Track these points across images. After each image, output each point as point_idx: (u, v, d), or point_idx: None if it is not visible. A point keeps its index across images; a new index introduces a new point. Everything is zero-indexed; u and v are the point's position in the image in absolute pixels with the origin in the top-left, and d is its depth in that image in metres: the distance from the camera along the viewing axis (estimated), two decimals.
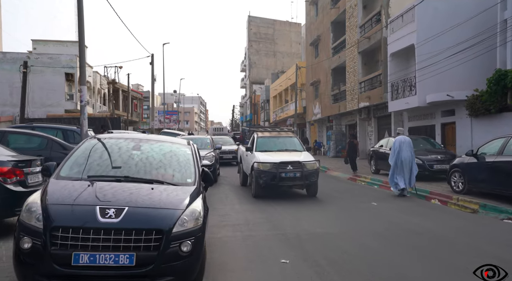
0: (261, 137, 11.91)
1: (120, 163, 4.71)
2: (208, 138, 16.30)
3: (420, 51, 16.13)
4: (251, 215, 8.40)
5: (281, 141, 11.92)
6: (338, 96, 26.84)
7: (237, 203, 9.94)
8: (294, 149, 11.51)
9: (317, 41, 30.34)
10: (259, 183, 10.17)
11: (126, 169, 4.60)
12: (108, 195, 3.94)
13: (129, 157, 4.85)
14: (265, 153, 10.94)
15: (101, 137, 5.37)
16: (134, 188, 4.13)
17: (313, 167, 10.30)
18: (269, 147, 11.43)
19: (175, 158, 5.05)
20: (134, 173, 4.53)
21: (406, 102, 17.23)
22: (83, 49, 9.05)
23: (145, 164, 4.75)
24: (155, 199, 3.97)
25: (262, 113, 57.50)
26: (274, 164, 10.03)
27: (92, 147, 4.95)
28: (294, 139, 12.15)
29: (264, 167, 10.12)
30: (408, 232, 6.78)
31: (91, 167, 4.55)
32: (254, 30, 66.05)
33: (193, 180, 4.64)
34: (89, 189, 3.99)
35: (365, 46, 21.70)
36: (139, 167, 4.67)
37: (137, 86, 69.33)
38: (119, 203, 3.79)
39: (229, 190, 12.18)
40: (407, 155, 10.67)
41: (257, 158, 10.46)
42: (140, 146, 5.11)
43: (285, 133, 12.76)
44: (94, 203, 3.73)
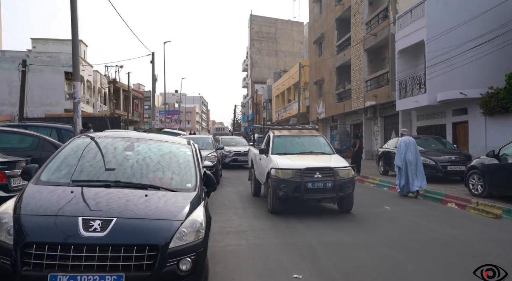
0: (278, 137, 9.64)
1: (110, 165, 4.13)
2: (210, 138, 15.73)
3: (430, 48, 15.52)
4: (257, 221, 7.80)
5: (304, 142, 9.67)
6: (343, 95, 26.23)
7: (240, 207, 9.34)
8: (320, 151, 9.28)
9: (321, 39, 29.73)
10: (278, 195, 8.00)
11: (117, 173, 4.01)
12: (94, 203, 3.36)
13: (121, 159, 4.27)
14: (284, 156, 8.77)
15: (90, 136, 4.79)
16: (125, 195, 3.55)
17: (348, 174, 8.18)
18: (289, 149, 9.28)
19: (173, 159, 4.47)
20: (126, 177, 3.95)
21: (415, 100, 16.62)
22: (76, 43, 8.51)
23: (139, 167, 4.16)
24: (149, 208, 3.39)
25: (264, 113, 56.91)
26: (297, 171, 7.92)
27: (79, 147, 4.36)
28: (320, 138, 9.85)
29: (285, 175, 8.04)
30: (430, 241, 6.17)
31: (76, 170, 3.96)
32: (256, 29, 65.49)
33: (193, 184, 4.06)
34: (72, 197, 3.40)
35: (372, 43, 21.09)
36: (132, 170, 4.08)
37: (138, 86, 68.89)
38: (106, 213, 3.21)
39: (232, 193, 11.58)
40: (412, 156, 10.44)
41: (275, 163, 8.30)
42: (134, 146, 4.53)
43: (308, 131, 10.36)
44: (76, 214, 3.15)
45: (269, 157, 8.94)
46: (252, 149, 11.81)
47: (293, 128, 11.10)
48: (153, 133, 28.58)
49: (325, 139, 9.83)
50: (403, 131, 11.53)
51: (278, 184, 7.99)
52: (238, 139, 21.91)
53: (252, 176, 11.02)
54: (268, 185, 8.52)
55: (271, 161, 8.62)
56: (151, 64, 29.75)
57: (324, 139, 9.83)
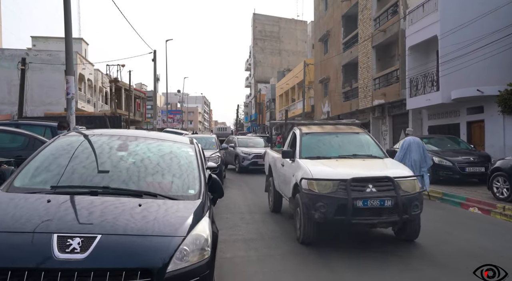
0: (307, 135, 7.13)
1: (99, 168, 3.48)
2: (213, 137, 15.08)
3: (444, 43, 14.82)
4: (265, 227, 7.16)
5: (343, 141, 7.14)
6: (350, 93, 25.54)
7: (246, 211, 8.69)
8: (367, 154, 6.78)
9: (327, 37, 29.05)
10: (313, 217, 5.53)
11: (106, 177, 3.37)
12: (74, 216, 2.72)
13: (112, 161, 3.63)
14: (318, 161, 6.32)
15: (77, 134, 4.16)
16: (114, 205, 2.91)
17: (414, 187, 5.68)
18: (324, 151, 6.83)
19: (173, 161, 3.82)
20: (117, 182, 3.31)
21: (427, 98, 15.92)
22: (69, 35, 7.90)
23: (133, 170, 3.52)
24: (143, 222, 2.74)
25: (267, 113, 56.27)
26: (341, 183, 5.45)
27: (63, 147, 3.72)
28: (364, 136, 7.24)
29: (322, 188, 5.54)
30: (466, 255, 5.46)
31: (57, 174, 3.32)
32: (259, 28, 64.85)
33: (197, 191, 3.41)
34: (48, 207, 2.76)
35: (380, 39, 20.40)
36: (124, 174, 3.44)
37: (140, 85, 68.37)
38: (89, 228, 2.57)
39: (236, 195, 10.93)
40: (417, 157, 9.98)
41: (306, 171, 5.85)
42: (127, 145, 3.87)
43: (346, 127, 7.78)
44: (50, 230, 2.51)
45: (296, 163, 6.47)
46: (269, 152, 9.28)
47: (325, 123, 8.70)
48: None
49: (371, 138, 7.23)
50: (409, 130, 11.21)
51: (312, 201, 5.48)
52: (257, 139, 19.51)
53: (271, 187, 8.66)
54: (297, 202, 6.01)
55: (299, 168, 6.14)
56: (153, 63, 29.14)
57: (370, 137, 7.23)
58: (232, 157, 17.06)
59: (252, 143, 17.96)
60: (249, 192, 11.47)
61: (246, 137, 21.98)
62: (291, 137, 7.69)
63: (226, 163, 16.49)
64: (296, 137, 7.20)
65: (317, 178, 5.59)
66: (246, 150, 16.55)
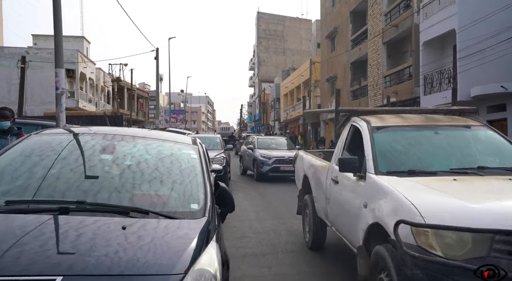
0: (383, 130, 4.05)
1: (75, 176, 2.69)
2: (218, 137, 14.28)
3: (462, 37, 13.98)
4: (279, 238, 6.36)
5: (450, 142, 4.03)
6: (358, 92, 24.70)
7: (255, 219, 7.90)
8: (505, 165, 3.73)
9: (334, 33, 28.22)
10: None
11: (83, 188, 2.58)
12: (28, 247, 1.92)
13: (93, 166, 2.84)
14: (416, 181, 3.23)
15: (53, 132, 3.38)
16: (88, 228, 2.12)
17: None
18: (421, 160, 3.75)
19: (172, 167, 3.03)
20: (96, 194, 2.51)
21: (444, 96, 15.07)
22: (59, 21, 7.15)
23: (120, 178, 2.73)
24: (126, 254, 1.95)
25: (271, 112, 55.48)
26: (497, 239, 2.48)
27: (31, 148, 2.93)
28: (487, 133, 4.18)
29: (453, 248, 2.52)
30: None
31: (17, 184, 2.54)
32: (263, 26, 64.08)
33: (201, 205, 2.62)
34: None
35: (392, 35, 19.56)
36: (107, 184, 2.65)
37: (143, 85, 67.75)
38: (47, 266, 1.78)
39: (243, 199, 10.14)
40: None
41: (406, 205, 2.78)
42: (115, 147, 3.08)
43: (450, 119, 4.52)
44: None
45: (371, 182, 3.48)
46: (306, 156, 6.22)
47: (413, 110, 5.03)
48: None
49: (500, 135, 4.14)
50: None
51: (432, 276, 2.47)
52: (280, 140, 16.77)
53: (307, 209, 5.77)
54: (381, 262, 2.88)
55: (383, 194, 3.16)
56: (155, 61, 28.42)
57: (498, 135, 4.14)
58: (250, 161, 14.60)
59: (274, 145, 15.28)
60: (257, 197, 10.68)
61: (267, 137, 18.81)
62: (348, 135, 4.56)
63: (245, 169, 15.72)
64: (361, 135, 4.09)
65: (437, 224, 2.52)
66: (266, 153, 13.76)
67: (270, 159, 13.34)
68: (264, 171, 13.37)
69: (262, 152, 13.77)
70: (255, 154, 13.94)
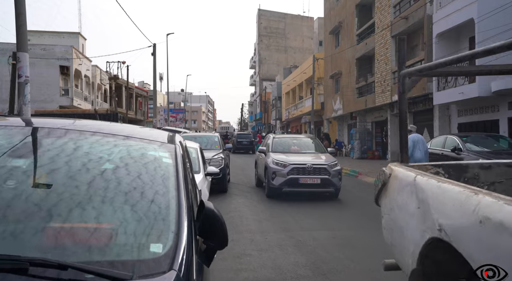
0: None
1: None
2: (216, 136, 13.10)
3: (481, 27, 12.84)
4: (283, 255, 5.25)
5: None
6: (364, 89, 23.56)
7: (257, 230, 6.78)
8: None
9: (338, 28, 27.08)
10: None
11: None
12: None
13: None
14: None
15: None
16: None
17: None
18: None
19: (128, 178, 1.89)
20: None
21: (460, 92, 13.94)
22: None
23: (26, 201, 1.60)
24: None
25: (273, 111, 54.37)
26: None
27: None
28: None
29: None
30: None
31: None
32: (264, 24, 62.94)
33: (169, 247, 1.51)
34: None
35: (401, 28, 18.41)
36: (10, 214, 1.53)
37: (142, 84, 66.66)
38: None
39: (243, 206, 9.02)
40: (421, 156, 9.45)
41: None
42: (38, 146, 1.95)
43: None
44: None
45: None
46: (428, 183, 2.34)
47: None
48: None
49: None
50: (411, 127, 10.17)
51: None
52: (304, 140, 12.27)
53: None
54: None
55: None
56: (153, 57, 27.27)
57: None
58: (263, 169, 10.64)
59: (296, 146, 11.23)
60: (259, 202, 9.55)
61: (287, 136, 14.15)
62: None
63: (259, 180, 11.48)
64: None
65: None
66: (281, 158, 9.83)
67: (286, 167, 9.41)
68: (276, 184, 9.45)
69: (276, 158, 9.84)
70: (267, 159, 10.13)
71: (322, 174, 9.34)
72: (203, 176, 6.59)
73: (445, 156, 11.06)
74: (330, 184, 9.41)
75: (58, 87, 29.77)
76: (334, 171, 9.45)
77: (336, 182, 9.43)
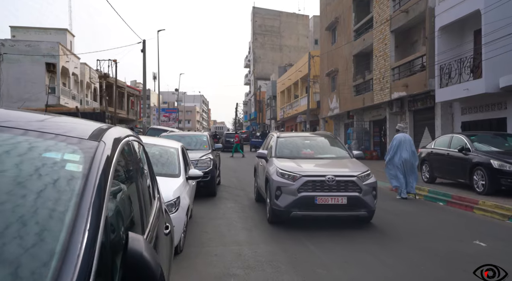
0: None
1: None
2: (205, 136, 12.15)
3: (488, 19, 12.03)
4: (276, 274, 4.35)
5: None
6: (362, 86, 22.73)
7: (245, 241, 5.88)
8: None
9: (335, 24, 26.24)
10: None
11: None
12: None
13: None
14: None
15: None
16: None
17: None
18: None
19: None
20: None
21: (465, 88, 13.12)
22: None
23: None
24: None
25: (268, 111, 53.49)
26: None
27: None
28: None
29: None
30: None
31: None
32: (259, 22, 62.08)
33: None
34: None
35: (401, 22, 17.59)
36: None
37: (135, 83, 65.47)
38: None
39: (233, 212, 8.11)
40: (407, 156, 9.52)
41: None
42: None
43: None
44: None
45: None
46: None
47: None
48: (144, 132, 24.99)
49: None
50: (400, 127, 10.16)
51: None
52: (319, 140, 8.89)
53: None
54: None
55: None
56: (143, 54, 26.30)
57: None
58: (263, 181, 7.68)
59: (309, 149, 8.08)
60: (251, 209, 8.65)
61: (295, 135, 10.14)
62: None
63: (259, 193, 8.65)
64: None
65: None
66: (289, 167, 6.81)
67: (296, 181, 6.42)
68: (281, 205, 6.48)
69: (282, 166, 6.82)
70: (269, 168, 7.18)
71: (349, 190, 6.35)
72: (183, 180, 5.68)
73: (452, 156, 10.22)
74: (362, 205, 6.40)
75: (44, 85, 28.66)
76: (367, 186, 6.41)
77: (370, 202, 6.43)
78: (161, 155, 6.06)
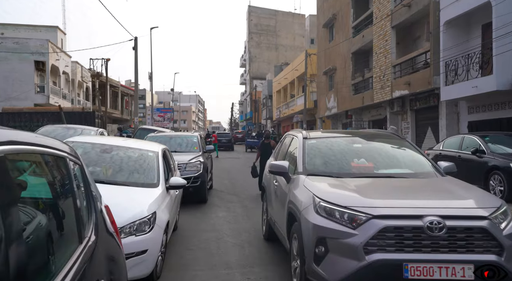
0: None
1: None
2: (195, 136, 11.26)
3: (499, 11, 11.26)
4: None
5: None
6: (361, 85, 21.94)
7: (235, 265, 5.02)
8: None
9: (333, 21, 25.43)
10: None
11: None
12: None
13: None
14: None
15: None
16: None
17: None
18: None
19: None
20: None
21: (474, 85, 12.33)
22: None
23: None
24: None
25: (264, 110, 52.64)
26: None
27: None
28: None
29: None
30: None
31: None
32: (254, 21, 61.18)
33: None
34: None
35: (403, 17, 16.80)
36: None
37: (129, 83, 64.42)
38: None
39: (224, 223, 7.25)
40: None
41: None
42: None
43: None
44: None
45: None
46: None
47: None
48: (134, 133, 24.07)
49: None
50: (392, 128, 9.23)
51: None
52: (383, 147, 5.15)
53: None
54: None
55: None
56: (134, 51, 25.36)
57: None
58: (281, 214, 4.58)
59: (365, 160, 4.62)
60: (245, 219, 7.80)
61: (339, 134, 5.99)
62: None
63: (271, 228, 5.42)
64: None
65: None
66: (340, 195, 3.62)
67: (360, 227, 3.20)
68: (329, 279, 3.19)
69: (324, 192, 3.68)
70: (295, 195, 4.00)
71: (477, 249, 3.16)
72: (162, 190, 4.80)
73: (464, 159, 9.42)
74: None
75: (33, 83, 27.68)
76: (508, 238, 3.20)
77: None
78: (135, 161, 5.18)
